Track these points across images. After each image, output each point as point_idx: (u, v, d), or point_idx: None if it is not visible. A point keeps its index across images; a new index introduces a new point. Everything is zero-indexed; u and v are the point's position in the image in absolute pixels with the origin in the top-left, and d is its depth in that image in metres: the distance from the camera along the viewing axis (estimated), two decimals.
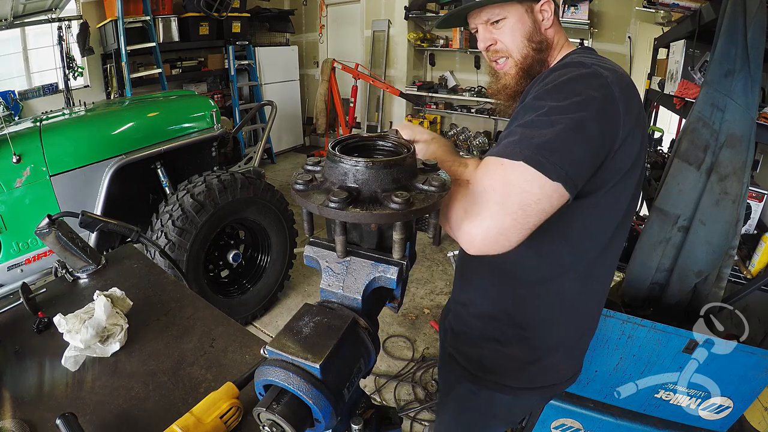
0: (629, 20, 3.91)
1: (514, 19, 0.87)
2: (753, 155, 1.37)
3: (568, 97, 0.70)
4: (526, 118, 0.72)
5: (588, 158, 0.70)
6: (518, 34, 0.88)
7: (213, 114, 2.78)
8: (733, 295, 1.47)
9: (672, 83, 1.80)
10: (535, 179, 0.64)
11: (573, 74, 0.74)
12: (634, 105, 0.74)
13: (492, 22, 0.89)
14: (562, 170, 0.65)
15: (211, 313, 1.02)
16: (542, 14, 0.89)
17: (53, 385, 0.82)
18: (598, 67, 0.74)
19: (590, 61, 0.78)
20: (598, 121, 0.69)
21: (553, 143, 0.66)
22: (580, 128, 0.68)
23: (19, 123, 2.50)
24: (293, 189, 0.48)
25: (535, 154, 0.65)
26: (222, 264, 2.59)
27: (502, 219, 0.64)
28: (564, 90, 0.72)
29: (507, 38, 0.89)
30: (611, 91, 0.71)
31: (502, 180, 0.66)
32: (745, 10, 1.26)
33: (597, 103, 0.70)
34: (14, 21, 3.85)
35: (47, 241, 1.06)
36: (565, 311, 0.92)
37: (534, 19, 0.88)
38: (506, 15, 0.88)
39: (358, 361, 0.48)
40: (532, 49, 0.89)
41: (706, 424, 1.50)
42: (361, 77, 4.79)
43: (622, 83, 0.73)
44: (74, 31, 4.17)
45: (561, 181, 0.65)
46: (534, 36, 0.89)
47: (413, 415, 2.05)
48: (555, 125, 0.67)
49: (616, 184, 0.77)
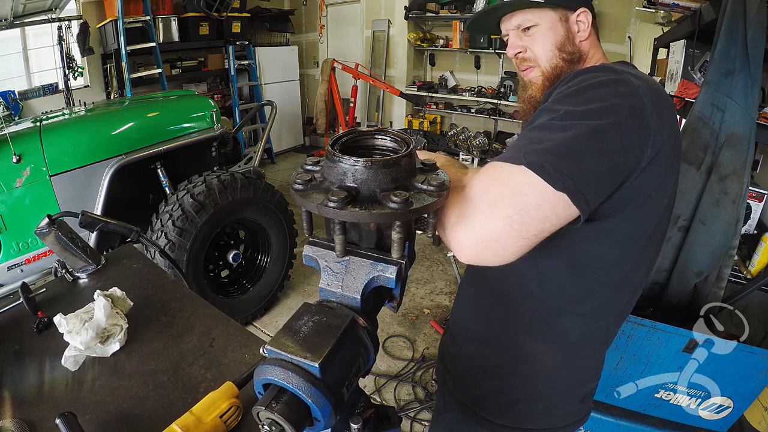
0: (629, 20, 3.91)
1: (547, 26, 0.83)
2: (753, 155, 1.37)
3: (589, 101, 0.63)
4: (539, 121, 0.65)
5: (603, 172, 0.61)
6: (549, 42, 0.84)
7: (213, 114, 2.78)
8: (733, 295, 1.47)
9: (672, 83, 1.80)
10: (535, 184, 0.56)
11: (599, 79, 0.67)
12: (667, 119, 0.66)
13: (523, 29, 0.85)
14: (569, 180, 0.56)
15: (210, 312, 1.02)
16: (578, 25, 0.83)
17: (53, 384, 0.82)
18: (629, 75, 0.67)
19: (622, 68, 0.70)
20: (621, 133, 0.61)
21: (562, 149, 0.58)
22: (597, 137, 0.59)
23: (19, 123, 2.50)
24: (292, 189, 0.48)
25: (539, 159, 0.57)
26: (222, 264, 2.59)
27: (494, 222, 0.56)
28: (586, 94, 0.65)
29: (537, 46, 0.85)
30: (641, 101, 0.63)
31: (498, 182, 0.59)
32: (745, 10, 1.26)
33: (622, 113, 0.62)
34: (14, 21, 3.85)
35: (47, 241, 1.06)
36: (566, 351, 0.83)
37: (568, 29, 0.83)
38: (538, 21, 0.83)
39: (358, 361, 0.48)
40: (562, 60, 0.84)
41: (706, 424, 1.50)
42: (361, 77, 4.79)
43: (655, 94, 0.65)
44: (74, 31, 4.17)
45: (567, 192, 0.57)
46: (566, 46, 0.84)
47: (413, 415, 2.05)
48: (568, 130, 0.60)
49: (637, 210, 0.68)
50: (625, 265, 0.75)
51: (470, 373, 0.93)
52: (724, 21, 1.30)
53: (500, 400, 0.88)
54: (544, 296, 0.78)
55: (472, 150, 4.75)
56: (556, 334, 0.81)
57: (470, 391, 0.92)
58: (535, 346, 0.83)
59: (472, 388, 0.92)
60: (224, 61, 5.29)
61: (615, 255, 0.73)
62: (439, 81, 5.36)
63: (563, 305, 0.77)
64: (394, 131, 0.55)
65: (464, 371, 0.94)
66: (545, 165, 0.57)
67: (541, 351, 0.83)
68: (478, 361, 0.91)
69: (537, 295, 0.78)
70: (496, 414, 0.89)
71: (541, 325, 0.81)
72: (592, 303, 0.77)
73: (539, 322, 0.81)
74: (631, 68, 0.74)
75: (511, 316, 0.84)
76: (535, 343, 0.83)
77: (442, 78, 5.34)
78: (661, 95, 0.67)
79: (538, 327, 0.81)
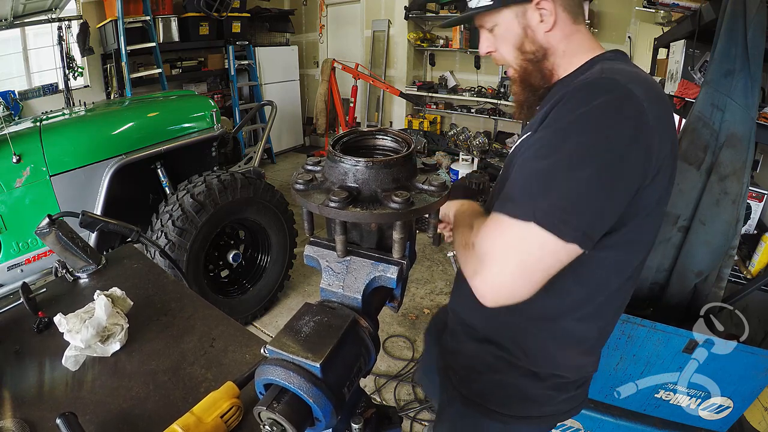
0: (629, 20, 3.91)
1: (504, 27, 0.77)
2: (753, 155, 1.37)
3: (594, 134, 0.61)
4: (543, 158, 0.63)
5: (613, 208, 0.63)
6: (509, 44, 0.79)
7: (213, 114, 2.78)
8: (733, 295, 1.47)
9: (672, 83, 1.80)
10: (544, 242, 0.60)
11: (601, 100, 0.62)
12: (669, 130, 0.66)
13: (488, 28, 0.81)
14: (578, 231, 0.59)
15: (211, 312, 1.02)
16: (540, 14, 0.74)
17: (53, 384, 0.82)
18: (632, 85, 0.63)
19: (624, 78, 0.65)
20: (629, 162, 0.61)
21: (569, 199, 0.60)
22: (606, 177, 0.60)
23: (19, 123, 2.49)
24: (293, 189, 0.48)
25: (548, 214, 0.60)
26: (222, 264, 2.59)
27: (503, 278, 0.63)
28: (591, 123, 0.62)
29: (502, 48, 0.81)
30: (646, 118, 0.61)
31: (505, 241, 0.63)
32: (745, 10, 1.26)
33: (628, 140, 0.60)
34: (14, 21, 3.85)
35: (47, 241, 1.06)
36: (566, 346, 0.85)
37: (526, 25, 0.76)
38: (498, 22, 0.78)
39: (358, 361, 0.48)
40: (525, 61, 0.79)
41: (706, 424, 1.50)
42: (361, 77, 4.79)
43: (658, 104, 0.64)
44: (74, 31, 4.16)
45: (576, 242, 0.60)
46: (525, 45, 0.77)
47: (413, 415, 2.05)
48: (574, 173, 0.60)
49: (641, 222, 0.69)
50: (626, 271, 0.77)
51: (472, 368, 0.94)
52: (724, 21, 1.30)
53: (503, 392, 0.90)
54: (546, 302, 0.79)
55: (472, 150, 4.75)
56: (557, 334, 0.83)
57: (473, 384, 0.93)
58: (536, 343, 0.85)
59: (475, 381, 0.93)
60: (224, 61, 5.28)
61: (616, 265, 0.75)
62: (439, 81, 5.36)
63: (564, 309, 0.80)
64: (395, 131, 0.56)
65: (466, 366, 0.96)
66: (555, 221, 0.60)
67: (542, 348, 0.85)
68: (480, 356, 0.92)
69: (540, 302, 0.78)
70: (500, 404, 0.91)
71: (544, 323, 0.83)
72: (592, 308, 0.79)
73: (542, 321, 0.83)
74: (628, 66, 0.73)
75: (514, 315, 0.84)
76: (536, 341, 0.85)
77: (442, 78, 5.34)
78: (663, 103, 0.66)
79: (541, 325, 0.83)
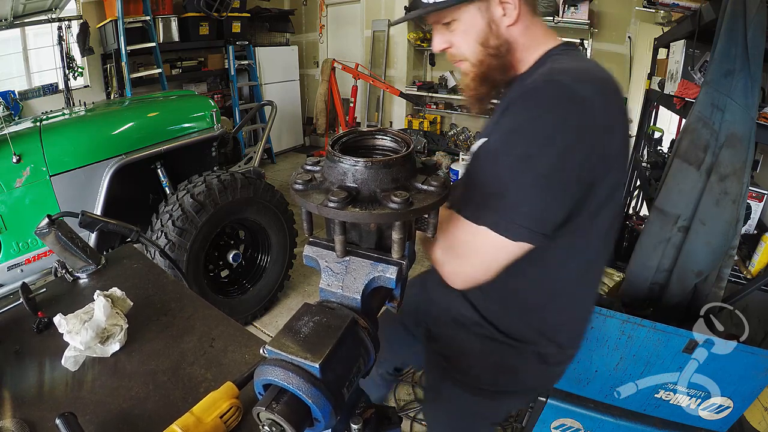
0: (629, 20, 3.91)
1: (466, 21, 0.76)
2: (753, 155, 1.37)
3: (537, 142, 0.64)
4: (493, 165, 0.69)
5: (561, 205, 0.67)
6: (471, 39, 0.77)
7: (213, 114, 2.78)
8: (733, 295, 1.47)
9: (672, 83, 1.80)
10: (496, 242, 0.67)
11: (544, 105, 0.65)
12: (619, 126, 0.68)
13: (443, 24, 0.79)
14: (526, 229, 0.65)
15: (211, 313, 1.02)
16: (503, 8, 0.74)
17: (53, 385, 0.82)
18: (577, 85, 0.64)
19: (568, 77, 0.66)
20: (571, 164, 0.64)
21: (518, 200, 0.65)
22: (549, 181, 0.65)
23: (19, 123, 2.49)
24: (293, 189, 0.48)
25: (498, 217, 0.66)
26: (222, 264, 2.59)
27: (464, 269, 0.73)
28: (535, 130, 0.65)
29: (461, 44, 0.79)
30: (591, 118, 0.64)
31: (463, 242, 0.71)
32: (745, 10, 1.26)
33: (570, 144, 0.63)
34: (14, 21, 3.85)
35: (47, 241, 1.06)
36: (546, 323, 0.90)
37: (490, 18, 0.75)
38: (457, 16, 0.76)
39: (358, 361, 0.48)
40: (488, 56, 0.78)
41: (706, 424, 1.50)
42: (361, 77, 4.79)
43: (606, 100, 0.66)
44: (74, 31, 4.17)
45: (525, 240, 0.67)
46: (489, 40, 0.76)
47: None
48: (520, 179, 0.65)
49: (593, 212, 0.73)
50: (586, 253, 0.81)
51: (460, 348, 0.97)
52: (724, 21, 1.30)
53: (494, 370, 0.95)
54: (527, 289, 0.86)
55: None
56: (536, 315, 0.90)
57: (462, 365, 0.97)
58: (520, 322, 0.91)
59: (468, 364, 0.97)
60: (224, 61, 5.28)
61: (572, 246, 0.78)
62: (439, 81, 5.36)
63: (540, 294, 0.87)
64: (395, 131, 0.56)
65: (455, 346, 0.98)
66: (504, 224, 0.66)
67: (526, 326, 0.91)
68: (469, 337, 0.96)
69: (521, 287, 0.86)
70: (491, 383, 0.95)
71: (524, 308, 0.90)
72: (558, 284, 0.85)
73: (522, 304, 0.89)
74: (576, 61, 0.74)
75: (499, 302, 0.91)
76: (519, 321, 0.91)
77: (442, 78, 5.33)
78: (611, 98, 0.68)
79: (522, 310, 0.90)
